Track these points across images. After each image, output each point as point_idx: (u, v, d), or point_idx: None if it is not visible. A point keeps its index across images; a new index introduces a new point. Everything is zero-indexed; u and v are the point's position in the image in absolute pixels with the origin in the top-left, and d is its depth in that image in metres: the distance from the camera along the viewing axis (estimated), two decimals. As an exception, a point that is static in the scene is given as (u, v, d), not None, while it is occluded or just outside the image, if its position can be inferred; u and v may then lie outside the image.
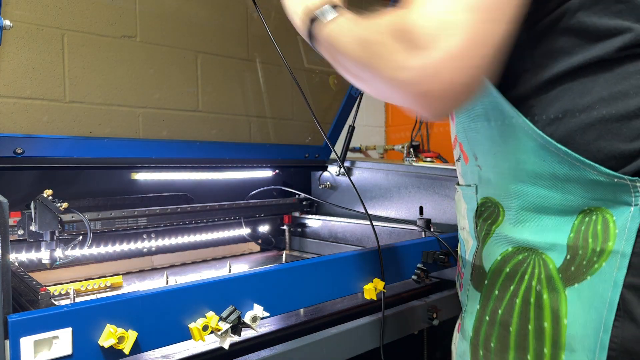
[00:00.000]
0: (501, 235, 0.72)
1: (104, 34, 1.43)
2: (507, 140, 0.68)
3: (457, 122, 0.79)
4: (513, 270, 0.69)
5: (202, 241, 1.73)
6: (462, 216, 0.84)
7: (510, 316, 0.68)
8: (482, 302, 0.73)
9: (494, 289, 0.71)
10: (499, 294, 0.70)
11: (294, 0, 0.76)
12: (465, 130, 0.77)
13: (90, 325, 0.69)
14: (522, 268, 0.68)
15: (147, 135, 1.57)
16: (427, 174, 1.56)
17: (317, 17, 0.68)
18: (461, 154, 0.81)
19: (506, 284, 0.69)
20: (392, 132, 2.84)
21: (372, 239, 1.17)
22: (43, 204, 1.17)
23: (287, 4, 0.77)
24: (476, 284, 0.76)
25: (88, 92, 1.43)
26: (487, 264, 0.73)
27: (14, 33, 1.28)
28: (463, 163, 0.81)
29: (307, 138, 1.97)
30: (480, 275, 0.75)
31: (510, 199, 0.70)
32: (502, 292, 0.70)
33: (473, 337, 0.74)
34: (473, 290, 0.76)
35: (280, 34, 1.16)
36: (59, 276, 1.42)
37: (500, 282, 0.70)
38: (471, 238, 0.81)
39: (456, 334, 0.85)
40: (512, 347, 0.68)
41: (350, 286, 1.03)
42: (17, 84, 1.32)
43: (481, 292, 0.74)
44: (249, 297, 0.86)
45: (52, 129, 1.39)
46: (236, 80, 1.76)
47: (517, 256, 0.69)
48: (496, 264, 0.71)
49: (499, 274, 0.70)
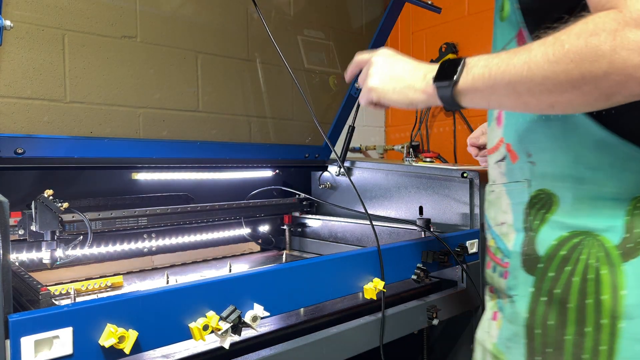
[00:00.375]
0: (556, 222, 0.78)
1: (104, 34, 1.43)
2: (568, 137, 0.76)
3: (507, 125, 0.86)
4: (569, 252, 0.75)
5: (202, 241, 1.73)
6: (503, 212, 0.90)
7: (568, 293, 0.75)
8: (536, 284, 0.79)
9: (549, 271, 0.77)
10: (554, 274, 0.77)
11: (399, 80, 0.84)
12: (518, 131, 0.84)
13: (91, 325, 0.70)
14: (578, 249, 0.75)
15: (147, 135, 1.58)
16: (426, 174, 1.56)
17: (451, 74, 0.74)
18: (507, 154, 0.87)
19: (562, 265, 0.76)
20: (392, 132, 2.84)
21: (372, 238, 1.17)
22: (44, 204, 1.17)
23: (390, 87, 0.85)
24: (529, 268, 0.81)
25: (88, 92, 1.43)
26: (542, 249, 0.79)
27: (15, 33, 1.29)
28: (509, 162, 0.87)
29: (307, 138, 1.97)
30: (533, 260, 0.80)
31: (566, 189, 0.78)
32: (558, 272, 0.76)
33: (528, 319, 0.80)
34: (525, 275, 0.81)
35: (280, 35, 1.16)
36: (60, 276, 1.42)
37: (555, 264, 0.77)
38: (513, 230, 0.86)
39: (490, 322, 0.91)
40: (571, 322, 0.74)
41: (350, 286, 1.04)
42: (18, 84, 1.32)
43: (535, 276, 0.80)
44: (249, 296, 0.86)
45: (52, 129, 1.39)
46: (236, 81, 1.76)
47: (573, 240, 0.76)
48: (551, 248, 0.78)
49: (554, 257, 0.77)
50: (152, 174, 1.57)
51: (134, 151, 1.48)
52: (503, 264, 0.89)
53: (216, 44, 1.69)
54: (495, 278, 0.92)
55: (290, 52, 1.81)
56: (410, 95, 0.82)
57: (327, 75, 1.95)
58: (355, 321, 1.06)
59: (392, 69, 0.86)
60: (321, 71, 1.93)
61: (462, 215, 1.44)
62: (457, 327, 1.45)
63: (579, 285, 0.74)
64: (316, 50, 1.91)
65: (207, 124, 1.72)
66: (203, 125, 1.71)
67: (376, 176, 1.74)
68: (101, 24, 1.42)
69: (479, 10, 2.33)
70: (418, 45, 2.64)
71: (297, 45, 1.82)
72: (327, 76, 1.95)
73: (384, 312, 1.08)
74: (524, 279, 0.82)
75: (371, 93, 0.88)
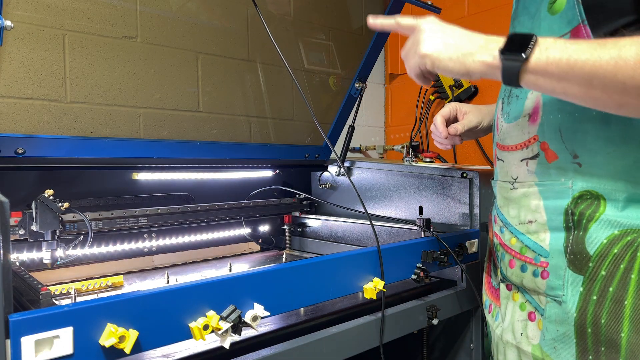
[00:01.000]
0: (606, 221, 0.78)
1: (104, 35, 1.44)
2: (628, 141, 0.76)
3: (546, 123, 0.84)
4: (622, 250, 0.76)
5: (202, 241, 1.73)
6: (532, 210, 0.89)
7: (625, 291, 0.75)
8: (585, 284, 0.79)
9: (600, 270, 0.78)
10: (607, 273, 0.77)
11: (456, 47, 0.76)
12: (562, 130, 0.82)
13: (91, 324, 0.70)
14: (632, 247, 0.75)
15: (147, 135, 1.58)
16: (426, 174, 1.56)
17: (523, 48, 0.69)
18: (542, 152, 0.86)
19: (615, 263, 0.76)
20: (392, 132, 2.84)
21: (372, 238, 1.17)
22: (44, 204, 1.18)
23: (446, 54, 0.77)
24: (577, 268, 0.81)
25: (89, 92, 1.44)
26: (591, 248, 0.79)
27: (15, 34, 1.29)
28: (543, 161, 0.86)
29: (307, 138, 1.97)
30: (582, 260, 0.80)
31: (618, 192, 0.78)
32: (612, 271, 0.76)
33: (578, 318, 0.80)
34: (573, 275, 0.81)
35: (281, 35, 1.16)
36: (60, 276, 1.42)
37: (607, 262, 0.77)
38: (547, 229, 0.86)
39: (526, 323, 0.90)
40: (627, 319, 0.75)
41: (350, 285, 1.04)
42: (18, 85, 1.32)
43: (584, 275, 0.79)
44: (250, 296, 0.86)
45: (53, 129, 1.39)
46: (237, 81, 1.77)
47: (625, 238, 0.76)
48: (602, 247, 0.78)
49: (606, 255, 0.77)
50: (153, 174, 1.57)
51: (134, 151, 1.48)
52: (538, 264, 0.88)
53: (216, 44, 1.69)
54: (526, 277, 0.90)
55: (290, 52, 1.81)
56: (468, 63, 0.76)
57: (327, 75, 1.95)
58: (355, 321, 1.06)
59: (446, 35, 0.78)
60: (321, 71, 1.93)
61: (461, 215, 1.45)
62: (457, 326, 1.46)
63: (636, 283, 0.74)
64: (316, 50, 1.91)
65: (207, 124, 1.72)
66: (203, 125, 1.71)
67: (376, 176, 1.74)
68: (101, 24, 1.43)
69: (479, 10, 2.33)
70: (418, 45, 2.64)
71: (297, 45, 1.82)
72: (327, 76, 1.95)
73: (384, 311, 1.08)
74: (572, 279, 0.81)
75: (424, 59, 0.80)
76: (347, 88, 1.84)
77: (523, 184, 0.91)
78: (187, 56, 1.62)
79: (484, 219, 1.41)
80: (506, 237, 0.97)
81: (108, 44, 1.45)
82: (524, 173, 0.91)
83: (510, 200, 0.95)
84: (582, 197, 0.81)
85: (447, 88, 2.40)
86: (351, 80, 1.82)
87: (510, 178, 0.94)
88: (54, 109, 1.38)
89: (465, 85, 2.33)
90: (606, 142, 0.78)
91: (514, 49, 0.71)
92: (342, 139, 1.91)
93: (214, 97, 1.71)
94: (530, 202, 0.90)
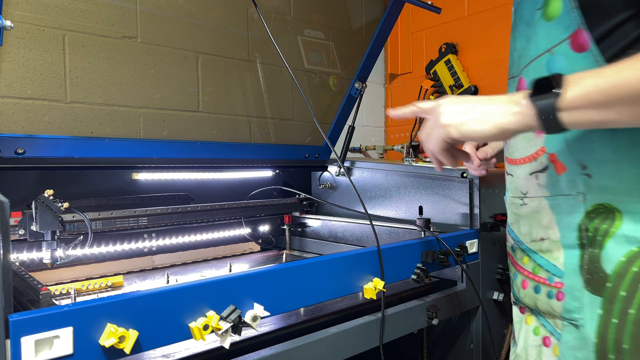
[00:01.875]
0: (622, 237, 0.73)
1: (104, 35, 1.44)
2: (637, 147, 0.72)
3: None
4: None
5: (202, 241, 1.73)
6: (544, 227, 0.84)
7: None
8: (605, 306, 0.74)
9: (619, 290, 0.72)
10: (627, 294, 0.71)
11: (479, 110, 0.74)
12: (568, 141, 0.78)
13: (91, 324, 0.70)
14: None
15: (147, 135, 1.58)
16: (426, 174, 1.57)
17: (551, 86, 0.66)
18: (550, 164, 0.82)
19: (636, 282, 0.71)
20: (392, 132, 2.84)
21: (372, 238, 1.17)
22: (44, 204, 1.18)
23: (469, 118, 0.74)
24: (594, 288, 0.76)
25: (89, 92, 1.44)
26: (609, 266, 0.74)
27: (15, 34, 1.29)
28: (553, 174, 0.82)
29: (307, 138, 1.97)
30: (599, 280, 0.75)
31: (633, 203, 0.73)
32: (632, 291, 0.71)
33: (598, 343, 0.74)
34: (590, 296, 0.76)
35: (281, 35, 1.16)
36: (60, 276, 1.42)
37: (627, 282, 0.72)
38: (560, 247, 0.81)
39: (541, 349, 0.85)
40: None
41: (350, 285, 1.04)
42: (18, 85, 1.32)
43: (602, 296, 0.74)
44: (250, 296, 0.86)
45: (53, 129, 1.39)
46: (237, 81, 1.77)
47: None
48: (620, 265, 0.73)
49: (625, 274, 0.72)
50: (153, 174, 1.57)
51: (134, 151, 1.48)
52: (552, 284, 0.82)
53: (216, 44, 1.69)
54: (540, 299, 0.85)
55: (291, 52, 1.81)
56: (498, 120, 0.71)
57: (327, 75, 1.95)
58: (355, 321, 1.06)
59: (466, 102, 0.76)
60: (321, 71, 1.93)
61: (461, 215, 1.45)
62: (457, 326, 1.46)
63: None
64: (316, 50, 1.91)
65: (207, 124, 1.72)
66: (203, 126, 1.71)
67: (376, 176, 1.74)
68: (101, 24, 1.42)
69: (479, 10, 2.33)
70: (418, 45, 2.64)
71: (297, 45, 1.82)
72: (327, 76, 1.95)
73: (384, 311, 1.08)
74: (589, 301, 0.76)
75: (448, 129, 0.76)
76: (347, 88, 1.84)
77: (533, 199, 0.86)
78: (187, 56, 1.62)
79: (484, 219, 1.41)
80: (518, 256, 0.92)
81: (108, 44, 1.45)
82: (534, 187, 0.86)
83: (521, 216, 0.90)
84: (596, 211, 0.77)
85: (447, 88, 2.40)
86: (351, 80, 1.83)
87: (520, 193, 0.89)
88: (53, 109, 1.38)
89: (466, 85, 2.33)
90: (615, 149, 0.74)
91: (543, 90, 0.67)
92: (342, 139, 1.91)
93: (214, 97, 1.71)
94: (541, 217, 0.85)
